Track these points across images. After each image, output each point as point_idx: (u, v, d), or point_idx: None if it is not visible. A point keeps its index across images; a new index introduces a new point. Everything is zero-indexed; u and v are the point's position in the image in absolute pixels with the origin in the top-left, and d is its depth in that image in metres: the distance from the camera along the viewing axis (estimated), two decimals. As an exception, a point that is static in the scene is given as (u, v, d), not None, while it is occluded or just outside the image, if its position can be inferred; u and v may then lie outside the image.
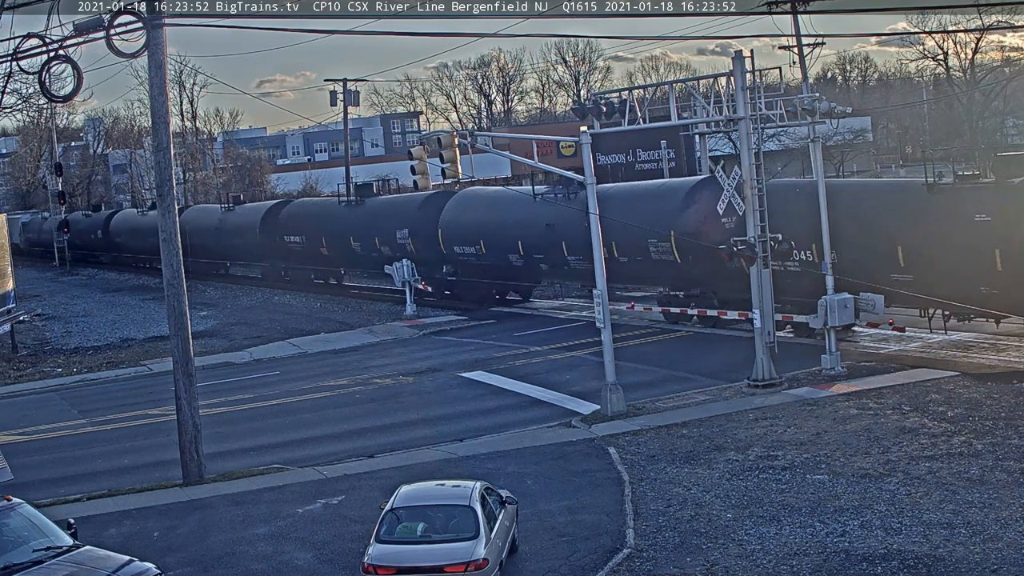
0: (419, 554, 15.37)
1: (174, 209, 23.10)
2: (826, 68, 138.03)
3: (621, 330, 34.89)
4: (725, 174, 28.89)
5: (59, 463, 25.92)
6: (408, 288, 44.67)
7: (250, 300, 55.91)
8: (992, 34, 76.48)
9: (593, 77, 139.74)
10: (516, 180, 74.84)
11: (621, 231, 34.73)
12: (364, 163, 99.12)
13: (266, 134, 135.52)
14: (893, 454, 20.89)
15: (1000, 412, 23.22)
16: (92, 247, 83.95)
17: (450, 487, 16.97)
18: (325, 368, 35.66)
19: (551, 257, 40.74)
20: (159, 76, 22.44)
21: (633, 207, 37.05)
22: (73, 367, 39.24)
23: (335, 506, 20.55)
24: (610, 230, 32.07)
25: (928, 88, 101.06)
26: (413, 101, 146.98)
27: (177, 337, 23.02)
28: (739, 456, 21.62)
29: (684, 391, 27.89)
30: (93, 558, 15.33)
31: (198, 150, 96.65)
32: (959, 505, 17.91)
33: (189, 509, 21.10)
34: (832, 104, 29.62)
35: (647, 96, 32.73)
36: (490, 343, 37.48)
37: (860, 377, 27.47)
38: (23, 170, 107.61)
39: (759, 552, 16.66)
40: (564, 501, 19.75)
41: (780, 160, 64.27)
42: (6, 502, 15.97)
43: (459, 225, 45.10)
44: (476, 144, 27.55)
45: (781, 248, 28.53)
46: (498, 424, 26.29)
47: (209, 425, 24.77)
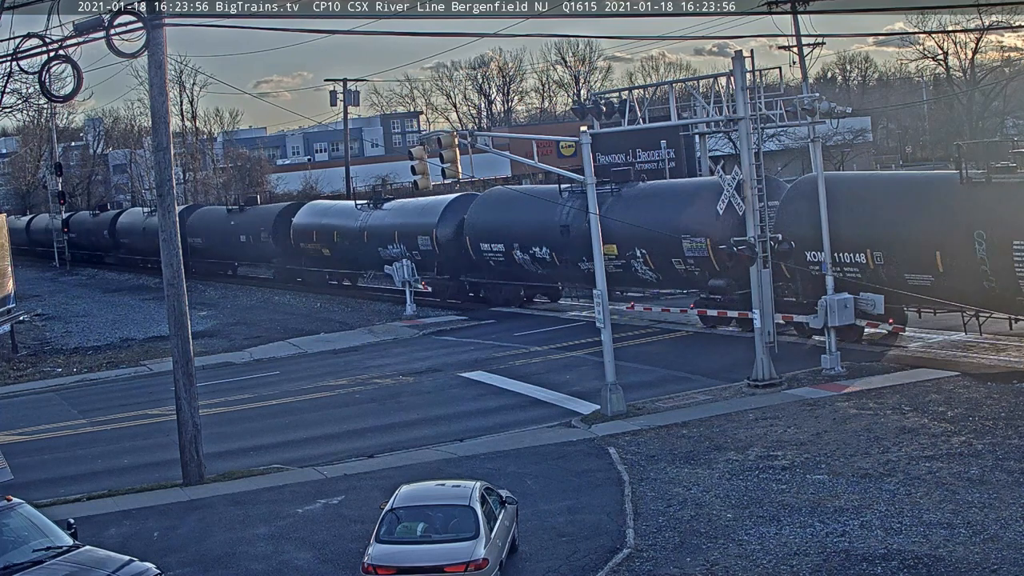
0: (419, 554, 15.37)
1: (174, 209, 23.11)
2: (826, 68, 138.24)
3: (621, 330, 34.89)
4: (725, 174, 28.90)
5: (59, 463, 25.92)
6: (408, 288, 44.66)
7: (250, 300, 55.90)
8: (992, 34, 76.46)
9: (593, 77, 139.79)
10: (516, 180, 74.88)
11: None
12: (364, 163, 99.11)
13: (266, 134, 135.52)
14: (893, 454, 20.89)
15: (1000, 412, 23.22)
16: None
17: (450, 487, 16.97)
18: (325, 368, 35.66)
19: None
20: (159, 76, 22.45)
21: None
22: (73, 367, 39.24)
23: (335, 506, 20.55)
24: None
25: (928, 88, 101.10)
26: (413, 101, 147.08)
27: (177, 337, 23.02)
28: (739, 456, 21.62)
29: (684, 391, 27.89)
30: (93, 558, 15.33)
31: (198, 150, 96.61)
32: (959, 505, 17.91)
33: (189, 509, 21.10)
34: (832, 104, 29.67)
35: (647, 96, 32.79)
36: (490, 343, 37.48)
37: (860, 377, 27.47)
38: (23, 170, 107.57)
39: (759, 552, 16.66)
40: (564, 501, 19.75)
41: (780, 160, 64.35)
42: (6, 502, 15.96)
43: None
44: (476, 144, 27.56)
45: (781, 248, 28.52)
46: (498, 424, 26.30)
47: (209, 425, 24.77)
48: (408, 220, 48.45)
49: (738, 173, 28.33)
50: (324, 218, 55.29)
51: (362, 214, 51.83)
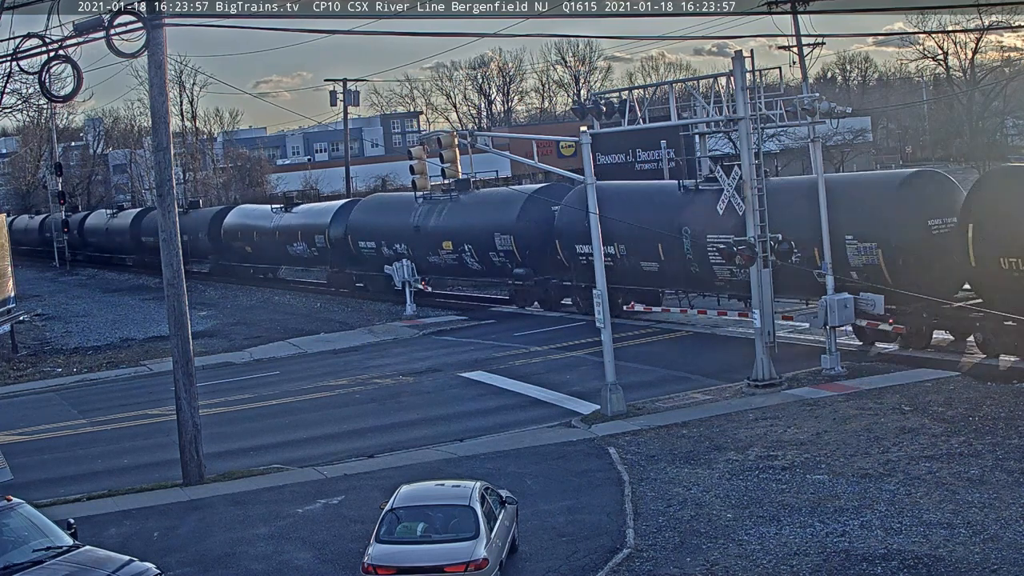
0: (419, 554, 15.37)
1: (174, 209, 23.12)
2: (826, 68, 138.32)
3: (621, 330, 34.89)
4: (726, 174, 28.89)
5: (59, 463, 25.93)
6: (408, 288, 44.69)
7: (250, 300, 55.92)
8: (992, 34, 76.38)
9: (593, 77, 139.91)
10: (516, 180, 74.83)
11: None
12: (364, 163, 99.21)
13: (266, 134, 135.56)
14: (893, 454, 20.89)
15: (1000, 412, 23.21)
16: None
17: (450, 487, 16.96)
18: (325, 368, 35.66)
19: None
20: (159, 76, 22.45)
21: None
22: (73, 367, 39.24)
23: (335, 506, 20.55)
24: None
25: (928, 88, 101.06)
26: (413, 101, 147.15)
27: (177, 337, 23.02)
28: (739, 456, 21.62)
29: (684, 391, 27.89)
30: (93, 558, 15.33)
31: (198, 150, 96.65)
32: (959, 505, 17.91)
33: (189, 509, 21.10)
34: (832, 104, 29.64)
35: (647, 96, 32.73)
36: (490, 343, 37.49)
37: (860, 377, 27.46)
38: (23, 170, 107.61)
39: (759, 552, 16.66)
40: (564, 501, 19.76)
41: (780, 160, 64.33)
42: (6, 502, 15.96)
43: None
44: (476, 144, 27.58)
45: (781, 248, 28.50)
46: (498, 424, 26.30)
47: (209, 425, 24.78)
48: (309, 221, 55.70)
49: (738, 174, 28.28)
50: (247, 220, 62.36)
51: (275, 216, 58.63)
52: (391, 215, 49.62)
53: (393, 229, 48.91)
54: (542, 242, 41.82)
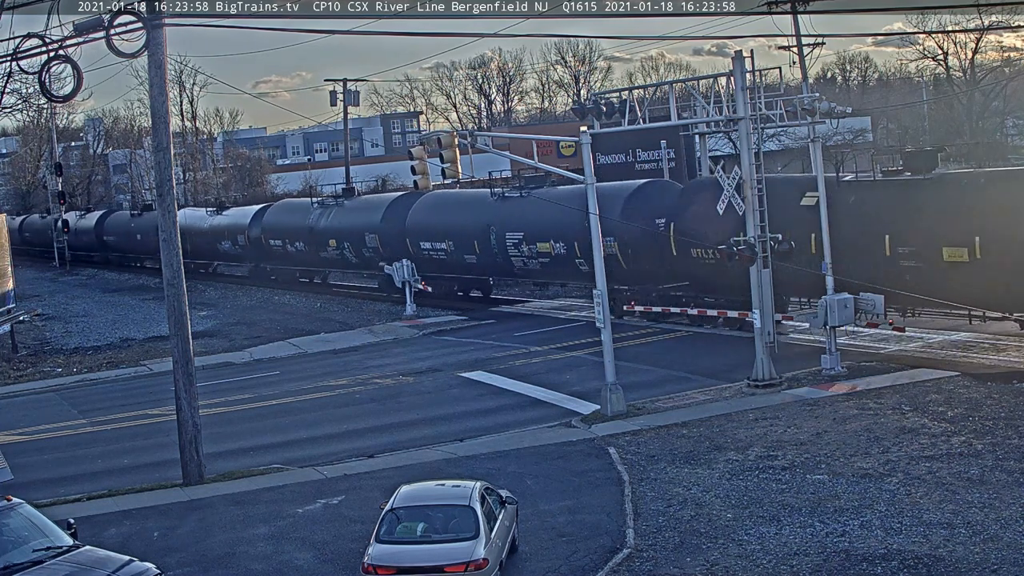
0: (419, 554, 15.37)
1: (174, 209, 23.13)
2: (826, 68, 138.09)
3: (621, 330, 34.90)
4: (725, 174, 28.89)
5: (59, 463, 25.93)
6: (408, 288, 44.69)
7: (250, 300, 55.95)
8: (992, 34, 76.35)
9: (593, 77, 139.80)
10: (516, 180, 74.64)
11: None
12: (364, 163, 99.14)
13: (266, 134, 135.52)
14: (893, 454, 20.89)
15: (1000, 412, 23.22)
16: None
17: (450, 487, 16.96)
18: (325, 368, 35.66)
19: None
20: (159, 76, 22.45)
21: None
22: (73, 367, 39.24)
23: (335, 506, 20.55)
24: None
25: (928, 88, 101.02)
26: (413, 101, 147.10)
27: (177, 337, 23.03)
28: (739, 456, 21.62)
29: (684, 391, 27.89)
30: (93, 558, 15.33)
31: (198, 150, 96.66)
32: (959, 505, 17.91)
33: (189, 509, 21.11)
34: (832, 104, 29.65)
35: (647, 96, 32.78)
36: (490, 343, 37.49)
37: (860, 377, 27.47)
38: (23, 170, 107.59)
39: (759, 552, 16.66)
40: (564, 501, 19.76)
41: (780, 160, 64.30)
42: (6, 502, 15.97)
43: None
44: (476, 144, 27.56)
45: (781, 248, 28.51)
46: (498, 424, 26.30)
47: (209, 425, 24.78)
48: (233, 222, 62.57)
49: (738, 174, 28.29)
50: (188, 221, 63.81)
51: (209, 218, 65.04)
52: (295, 216, 57.36)
53: (295, 229, 56.70)
54: (399, 240, 48.43)
